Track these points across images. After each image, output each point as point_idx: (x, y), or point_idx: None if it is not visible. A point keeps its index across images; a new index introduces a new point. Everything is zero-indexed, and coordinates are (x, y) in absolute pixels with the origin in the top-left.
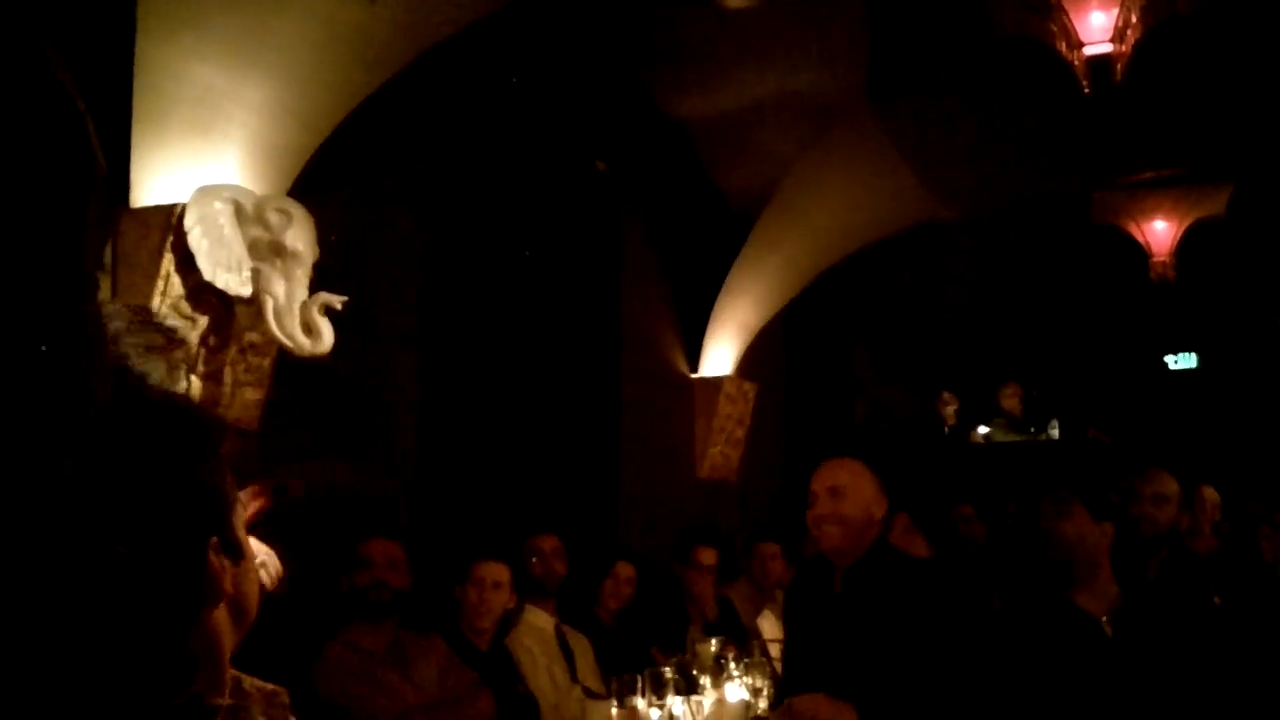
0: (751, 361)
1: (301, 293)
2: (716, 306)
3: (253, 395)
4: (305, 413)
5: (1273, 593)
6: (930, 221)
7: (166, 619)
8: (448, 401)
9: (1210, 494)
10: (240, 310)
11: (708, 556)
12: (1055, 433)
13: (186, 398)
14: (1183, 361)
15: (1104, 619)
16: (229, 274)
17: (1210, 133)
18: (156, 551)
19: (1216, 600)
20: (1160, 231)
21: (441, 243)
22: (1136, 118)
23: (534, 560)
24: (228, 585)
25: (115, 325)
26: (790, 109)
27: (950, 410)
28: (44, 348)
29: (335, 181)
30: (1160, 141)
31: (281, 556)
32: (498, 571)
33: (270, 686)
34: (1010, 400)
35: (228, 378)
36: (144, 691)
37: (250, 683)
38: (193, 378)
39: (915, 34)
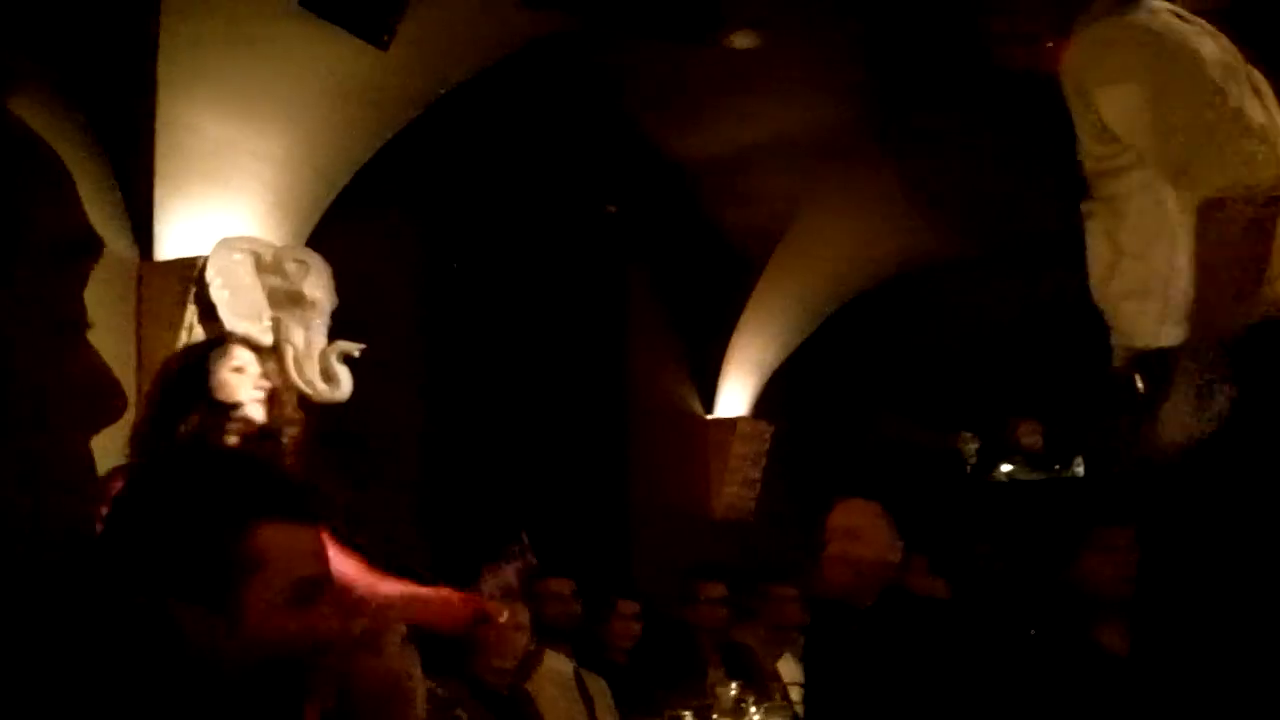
0: (768, 400)
1: (320, 340)
2: (730, 347)
3: None
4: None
5: None
6: (939, 256)
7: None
8: (453, 440)
9: None
10: (262, 358)
11: (713, 590)
12: (1080, 470)
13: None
14: None
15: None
16: (250, 324)
17: None
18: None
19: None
20: None
21: (449, 285)
22: None
23: (551, 604)
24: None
25: None
26: (793, 148)
27: (971, 448)
28: None
29: (349, 228)
30: None
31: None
32: (520, 613)
33: None
34: (1030, 437)
35: None
36: None
37: None
38: None
39: (915, 70)
